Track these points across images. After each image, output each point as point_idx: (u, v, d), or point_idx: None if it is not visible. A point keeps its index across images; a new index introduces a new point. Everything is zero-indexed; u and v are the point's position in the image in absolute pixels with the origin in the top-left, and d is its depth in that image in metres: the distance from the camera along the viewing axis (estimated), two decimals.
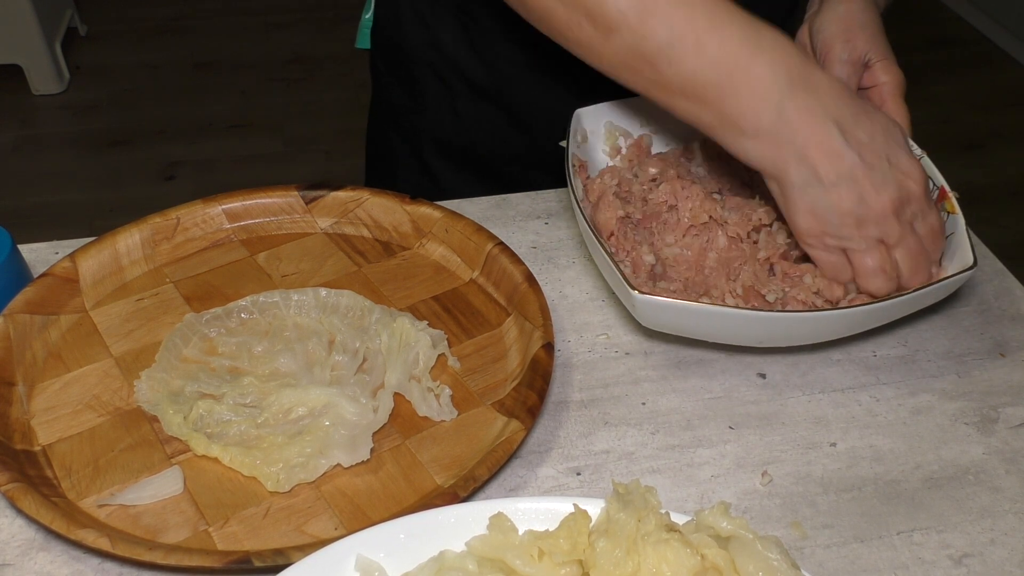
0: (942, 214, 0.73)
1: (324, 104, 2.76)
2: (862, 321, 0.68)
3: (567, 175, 0.75)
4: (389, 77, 1.01)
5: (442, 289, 0.78)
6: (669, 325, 0.69)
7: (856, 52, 0.79)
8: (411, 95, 0.99)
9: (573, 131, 0.79)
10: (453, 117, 0.97)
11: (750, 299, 0.71)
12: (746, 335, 0.69)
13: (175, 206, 0.81)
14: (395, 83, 1.01)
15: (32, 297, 0.72)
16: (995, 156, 2.59)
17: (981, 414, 0.70)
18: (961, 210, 0.73)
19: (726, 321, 0.66)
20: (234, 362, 0.70)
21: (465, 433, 0.66)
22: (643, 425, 0.68)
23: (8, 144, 2.60)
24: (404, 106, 1.01)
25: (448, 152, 1.00)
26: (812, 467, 0.66)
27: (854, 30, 0.79)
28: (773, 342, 0.71)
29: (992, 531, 0.62)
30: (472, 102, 0.96)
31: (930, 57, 3.01)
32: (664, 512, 0.51)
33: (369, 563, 0.51)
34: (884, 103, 0.81)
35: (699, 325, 0.68)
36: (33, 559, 0.59)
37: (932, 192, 0.76)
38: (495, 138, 0.97)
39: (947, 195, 0.75)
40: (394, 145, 1.04)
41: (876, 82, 0.81)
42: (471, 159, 0.99)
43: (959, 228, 0.72)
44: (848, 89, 0.69)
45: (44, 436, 0.65)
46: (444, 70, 0.96)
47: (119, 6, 3.18)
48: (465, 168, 0.98)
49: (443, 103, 0.97)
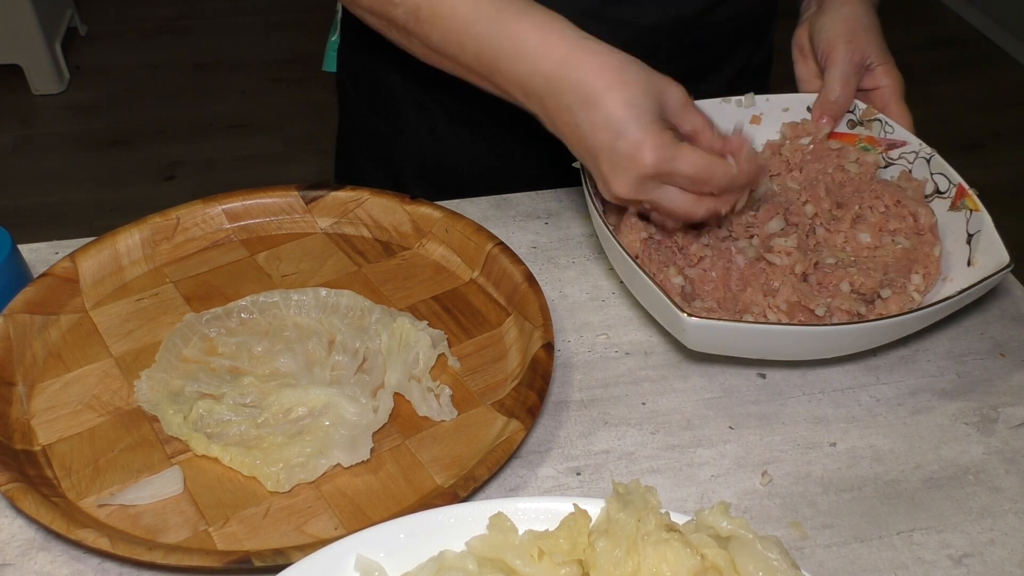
0: (964, 212, 0.73)
1: (324, 104, 2.75)
2: (913, 324, 0.67)
3: (587, 197, 0.74)
4: (360, 102, 0.99)
5: (442, 289, 0.78)
6: (719, 346, 0.68)
7: (859, 54, 0.79)
8: (385, 119, 0.97)
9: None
10: (432, 141, 0.95)
11: (795, 314, 0.70)
12: (800, 350, 0.69)
13: (175, 206, 0.81)
14: (366, 108, 0.98)
15: (32, 297, 0.72)
16: (995, 156, 2.59)
17: (981, 414, 0.70)
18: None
19: (784, 339, 0.66)
20: (234, 362, 0.70)
21: (465, 433, 0.66)
22: (643, 425, 0.68)
23: (8, 144, 2.60)
24: (377, 131, 0.98)
25: (427, 175, 0.97)
26: (812, 467, 0.66)
27: (857, 32, 0.79)
28: (827, 354, 0.70)
29: (992, 531, 0.62)
30: (450, 126, 0.94)
31: (930, 57, 3.01)
32: (664, 512, 0.51)
33: (369, 563, 0.51)
34: (887, 106, 0.81)
35: (752, 344, 0.67)
36: (33, 559, 0.59)
37: (950, 190, 0.76)
38: (475, 160, 0.96)
39: (966, 192, 0.75)
40: (366, 172, 1.01)
41: (877, 85, 0.81)
42: (452, 182, 0.96)
43: (986, 226, 0.72)
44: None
45: (44, 436, 0.65)
46: (419, 94, 0.93)
47: (119, 6, 3.18)
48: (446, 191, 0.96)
49: (420, 127, 0.95)
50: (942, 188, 0.78)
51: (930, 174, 0.79)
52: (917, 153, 0.80)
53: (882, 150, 0.82)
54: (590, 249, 0.83)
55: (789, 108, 0.85)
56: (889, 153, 0.81)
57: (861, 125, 0.83)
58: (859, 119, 0.83)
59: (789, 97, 0.85)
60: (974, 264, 0.72)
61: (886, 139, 0.81)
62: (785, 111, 0.85)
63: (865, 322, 0.67)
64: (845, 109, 0.82)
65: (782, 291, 0.71)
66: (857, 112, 0.83)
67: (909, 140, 0.80)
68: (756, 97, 0.84)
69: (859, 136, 0.83)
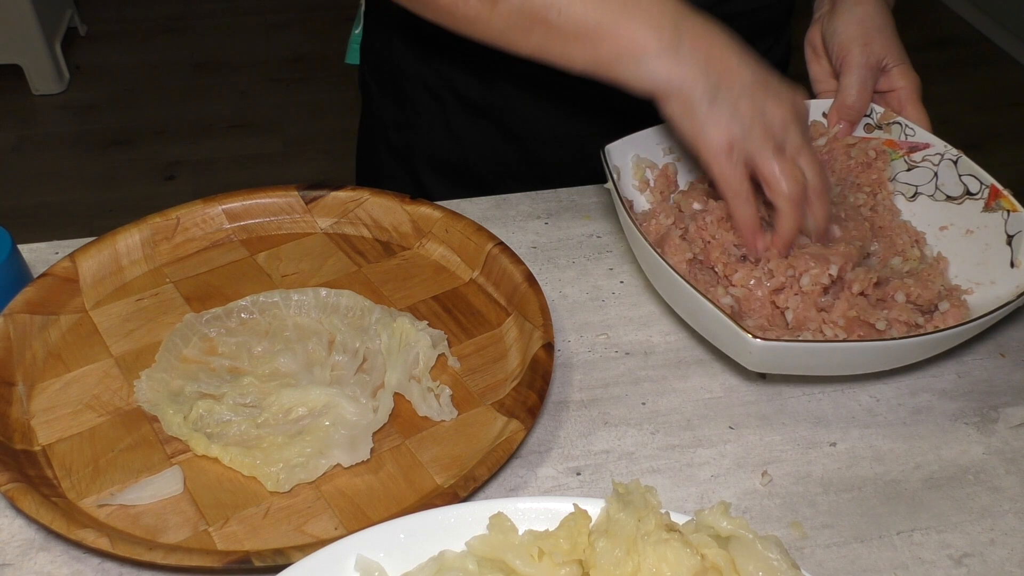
0: (1000, 213, 0.73)
1: (324, 104, 2.76)
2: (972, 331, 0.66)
3: (622, 217, 0.72)
4: (380, 93, 1.00)
5: (442, 289, 0.78)
6: (785, 366, 0.67)
7: (874, 56, 0.79)
8: (403, 111, 0.98)
9: (612, 169, 0.76)
10: (446, 132, 0.96)
11: (854, 329, 0.69)
12: (865, 364, 0.68)
13: (175, 206, 0.81)
14: (386, 99, 1.00)
15: (32, 297, 0.72)
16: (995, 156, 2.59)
17: (981, 414, 0.70)
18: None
19: (851, 356, 0.65)
20: (234, 362, 0.70)
21: (465, 433, 0.66)
22: (643, 425, 0.68)
23: (8, 144, 2.60)
24: (396, 122, 0.99)
25: (441, 168, 0.99)
26: (812, 467, 0.66)
27: (872, 34, 0.79)
28: (888, 366, 0.69)
29: (992, 531, 0.62)
30: (466, 118, 0.95)
31: (930, 57, 3.01)
32: (664, 512, 0.51)
33: (369, 563, 0.51)
34: (903, 107, 0.80)
35: (820, 362, 0.66)
36: (33, 559, 0.59)
37: (982, 191, 0.75)
38: (489, 154, 0.96)
39: (1001, 193, 0.74)
40: (384, 161, 1.02)
41: (893, 87, 0.80)
42: (464, 175, 0.98)
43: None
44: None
45: (44, 436, 0.65)
46: (437, 86, 0.94)
47: (119, 6, 3.18)
48: (459, 184, 0.96)
49: (436, 119, 0.96)
50: (973, 190, 0.76)
51: (958, 176, 0.77)
52: (943, 155, 0.78)
53: (904, 153, 0.80)
54: (590, 249, 0.83)
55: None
56: (912, 156, 0.80)
57: (880, 129, 0.81)
58: (877, 123, 0.81)
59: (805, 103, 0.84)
60: (1018, 265, 0.71)
61: (907, 142, 0.80)
62: None
63: (934, 333, 0.64)
64: (862, 113, 0.81)
65: (838, 306, 0.69)
66: (875, 116, 0.82)
67: (933, 142, 0.79)
68: None
69: (879, 140, 0.82)
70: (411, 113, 0.97)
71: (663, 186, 0.81)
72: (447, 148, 0.97)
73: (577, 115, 0.90)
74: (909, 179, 0.81)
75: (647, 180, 0.82)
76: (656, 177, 0.82)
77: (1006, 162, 2.54)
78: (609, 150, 0.78)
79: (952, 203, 0.78)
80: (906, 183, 0.81)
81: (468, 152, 0.97)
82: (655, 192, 0.81)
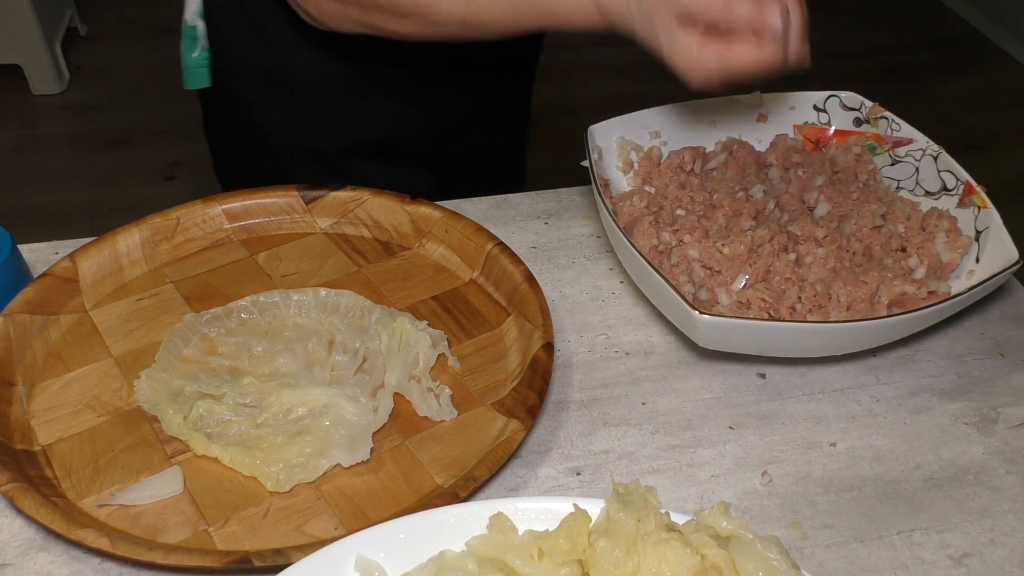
0: (972, 209, 0.74)
1: None
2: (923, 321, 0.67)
3: (596, 197, 0.74)
4: (261, 103, 0.97)
5: (442, 289, 0.78)
6: (736, 344, 0.68)
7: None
8: (296, 111, 0.96)
9: (591, 148, 0.78)
10: (373, 117, 0.96)
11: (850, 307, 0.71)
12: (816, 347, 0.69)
13: (175, 206, 0.81)
14: (279, 105, 0.97)
15: (32, 297, 0.72)
16: (995, 156, 2.59)
17: (981, 414, 0.70)
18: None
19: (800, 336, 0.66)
20: (234, 362, 0.70)
21: (465, 433, 0.66)
22: (643, 425, 0.68)
23: (8, 144, 2.60)
24: (291, 126, 0.97)
25: (367, 151, 0.98)
26: (812, 467, 0.66)
27: None
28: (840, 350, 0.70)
29: (992, 531, 0.62)
30: (391, 99, 0.95)
31: (930, 57, 3.01)
32: (664, 512, 0.51)
33: (369, 563, 0.51)
34: None
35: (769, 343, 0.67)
36: (33, 559, 0.59)
37: (957, 187, 0.76)
38: (404, 124, 0.97)
39: (974, 190, 0.75)
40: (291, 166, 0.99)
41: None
42: (390, 151, 0.98)
43: (994, 222, 0.72)
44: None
45: (44, 436, 0.65)
46: (349, 75, 0.93)
47: (119, 6, 3.17)
48: (386, 165, 0.97)
49: (355, 106, 0.95)
50: (949, 185, 0.78)
51: (937, 171, 0.79)
52: (924, 151, 0.80)
53: (888, 148, 0.82)
54: (590, 249, 0.83)
55: (795, 106, 0.85)
56: (896, 151, 0.82)
57: (867, 123, 0.83)
58: (865, 117, 0.83)
59: (795, 95, 0.85)
60: (982, 261, 0.72)
61: (892, 137, 0.81)
62: (791, 109, 0.85)
63: (876, 319, 0.66)
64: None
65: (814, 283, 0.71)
66: (863, 110, 0.83)
67: (916, 137, 0.81)
68: (763, 96, 0.84)
69: (865, 134, 0.83)
70: (308, 110, 0.95)
71: (647, 169, 0.82)
72: (373, 130, 0.97)
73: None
74: (892, 174, 0.82)
75: (631, 162, 0.83)
76: (640, 160, 0.83)
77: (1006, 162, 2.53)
78: (593, 131, 0.80)
79: (930, 198, 0.79)
80: (889, 177, 0.82)
81: (386, 126, 0.97)
82: (639, 175, 0.83)
